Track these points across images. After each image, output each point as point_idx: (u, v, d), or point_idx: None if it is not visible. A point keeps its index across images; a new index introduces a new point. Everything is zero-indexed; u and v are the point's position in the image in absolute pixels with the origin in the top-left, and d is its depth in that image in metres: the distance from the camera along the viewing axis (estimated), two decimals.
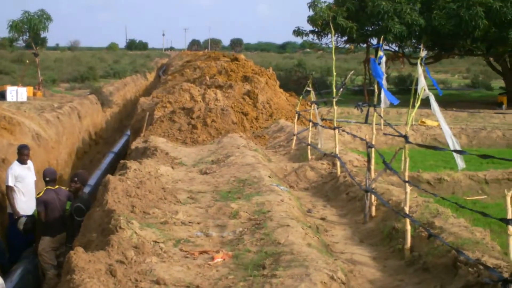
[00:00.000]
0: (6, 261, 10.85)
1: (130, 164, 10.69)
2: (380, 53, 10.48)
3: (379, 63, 10.13)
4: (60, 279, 9.40)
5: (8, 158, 13.21)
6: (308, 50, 78.08)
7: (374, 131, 9.58)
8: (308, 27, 37.94)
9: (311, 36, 38.80)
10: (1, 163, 12.97)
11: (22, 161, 11.73)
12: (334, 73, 12.70)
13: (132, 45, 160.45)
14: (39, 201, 10.12)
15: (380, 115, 10.20)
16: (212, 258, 6.60)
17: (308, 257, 6.22)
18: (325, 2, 36.67)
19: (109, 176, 9.49)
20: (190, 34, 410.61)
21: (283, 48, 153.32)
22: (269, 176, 10.76)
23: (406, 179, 7.50)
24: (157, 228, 7.56)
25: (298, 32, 38.78)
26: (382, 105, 10.16)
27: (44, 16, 31.28)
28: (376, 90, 10.09)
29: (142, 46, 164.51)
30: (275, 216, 7.90)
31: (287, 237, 6.99)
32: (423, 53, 8.42)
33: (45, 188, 10.30)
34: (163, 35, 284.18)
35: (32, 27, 30.91)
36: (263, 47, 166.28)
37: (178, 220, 8.06)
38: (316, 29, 37.24)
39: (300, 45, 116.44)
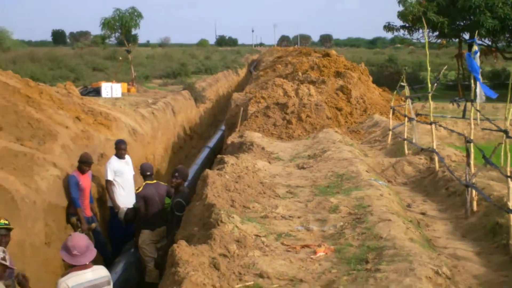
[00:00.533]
0: (108, 254, 11.38)
1: (228, 159, 10.93)
2: (475, 47, 10.28)
3: (474, 58, 9.97)
4: (160, 271, 9.92)
5: (106, 153, 13.75)
6: (399, 45, 76.78)
7: (472, 125, 9.48)
8: (398, 22, 38.10)
9: (401, 31, 39.13)
10: (100, 158, 13.51)
11: (120, 155, 12.25)
12: (428, 68, 12.68)
13: (222, 41, 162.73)
14: (139, 196, 10.60)
15: (478, 110, 10.02)
16: (314, 252, 6.71)
17: (411, 251, 6.26)
18: None
19: (208, 171, 9.78)
20: (279, 30, 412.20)
21: (373, 43, 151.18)
22: (367, 171, 10.80)
23: (508, 174, 7.39)
24: (258, 222, 7.74)
25: (388, 27, 39.11)
26: (478, 99, 9.99)
27: (135, 13, 32.07)
28: (472, 85, 9.93)
29: (232, 42, 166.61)
30: (375, 210, 7.96)
31: (389, 231, 7.03)
32: None
33: (144, 183, 10.74)
34: (253, 31, 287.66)
35: (123, 24, 31.73)
36: (352, 43, 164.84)
37: (278, 214, 8.22)
38: (407, 24, 37.19)
39: (390, 40, 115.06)
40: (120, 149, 12.30)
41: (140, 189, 10.68)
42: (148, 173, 11.10)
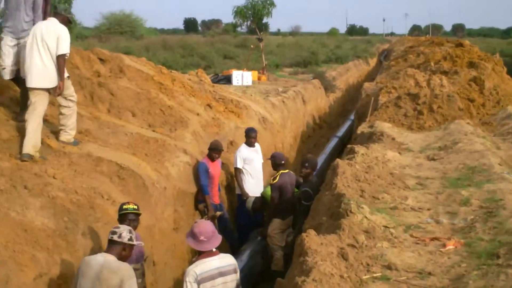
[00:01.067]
0: (235, 241, 11.44)
1: (358, 148, 10.87)
2: None
3: None
4: (285, 260, 9.87)
5: (235, 140, 13.84)
6: None
7: None
8: None
9: None
10: (229, 145, 13.61)
11: (249, 143, 12.26)
12: None
13: (353, 30, 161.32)
14: (275, 187, 10.48)
15: None
16: (444, 245, 6.55)
17: None
18: None
19: (338, 160, 9.74)
20: (411, 20, 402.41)
21: (507, 33, 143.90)
22: (499, 164, 10.30)
23: None
24: (387, 213, 7.64)
25: None
26: None
27: (268, 2, 32.23)
28: None
29: (363, 31, 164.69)
30: (508, 204, 7.56)
31: None
32: None
33: (279, 173, 10.66)
34: (384, 20, 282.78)
35: (256, 13, 31.98)
36: (485, 33, 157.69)
37: (408, 205, 8.11)
38: None
39: None
40: (250, 137, 12.32)
41: (276, 180, 10.55)
42: (283, 162, 11.03)
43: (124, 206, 6.98)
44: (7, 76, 9.20)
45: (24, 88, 9.02)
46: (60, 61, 8.69)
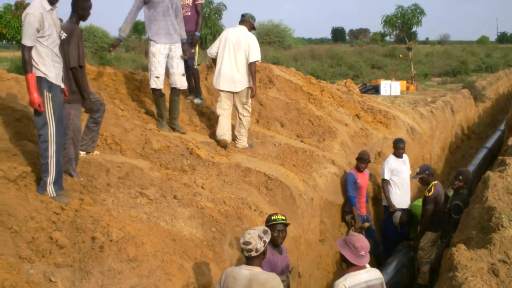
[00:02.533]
0: (381, 253, 11.01)
1: (509, 160, 10.29)
2: None
3: None
4: (431, 274, 9.29)
5: (383, 151, 13.38)
6: None
7: None
8: None
9: None
10: (377, 156, 13.14)
11: (397, 154, 11.73)
12: None
13: (503, 38, 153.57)
14: (430, 198, 10.00)
15: None
16: None
17: None
18: None
19: (490, 173, 9.33)
20: None
21: None
22: None
23: None
24: None
25: None
26: None
27: (418, 10, 31.33)
28: None
29: None
30: None
31: None
32: None
33: (433, 183, 10.15)
34: None
35: (405, 21, 31.19)
36: None
37: None
38: None
39: None
40: (398, 148, 11.76)
41: (432, 191, 10.03)
42: (427, 172, 10.40)
43: (273, 217, 6.72)
44: (161, 85, 9.27)
45: (172, 97, 9.20)
46: (252, 67, 9.43)
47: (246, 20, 9.71)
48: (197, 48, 10.90)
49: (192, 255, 6.33)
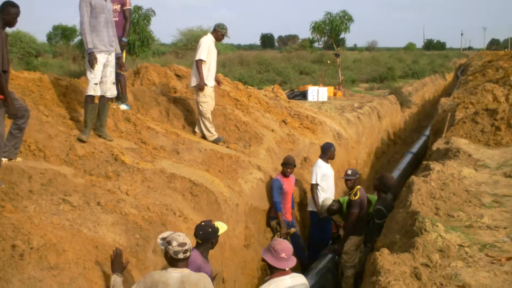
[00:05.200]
0: (306, 258, 11.20)
1: (433, 165, 10.73)
2: None
3: None
4: (355, 279, 9.59)
5: (309, 157, 13.67)
6: None
7: None
8: None
9: None
10: (303, 161, 13.42)
11: (327, 159, 11.92)
12: None
13: (430, 45, 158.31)
14: (356, 202, 10.24)
15: None
16: None
17: None
18: None
19: (414, 177, 9.69)
20: (489, 34, 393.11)
21: None
22: None
23: None
24: (462, 231, 7.47)
25: None
26: None
27: (346, 17, 31.92)
28: None
29: (440, 46, 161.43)
30: None
31: None
32: None
33: (358, 188, 10.40)
34: (461, 34, 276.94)
35: (333, 28, 31.72)
36: None
37: (483, 224, 7.99)
38: None
39: None
40: (329, 153, 11.99)
41: (358, 195, 10.27)
42: (357, 176, 10.71)
43: (203, 224, 6.81)
44: (98, 92, 9.28)
45: (102, 105, 9.22)
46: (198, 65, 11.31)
47: (214, 29, 11.73)
48: (124, 54, 10.95)
49: None
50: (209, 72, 11.45)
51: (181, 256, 5.62)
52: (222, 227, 6.73)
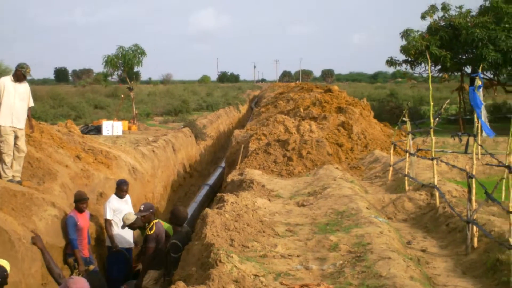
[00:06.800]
0: None
1: (227, 197, 10.88)
2: (479, 82, 10.43)
3: (478, 92, 10.12)
4: None
5: (105, 192, 13.77)
6: (400, 79, 77.42)
7: (475, 161, 9.46)
8: (400, 57, 38.57)
9: (404, 65, 39.41)
10: (99, 197, 13.51)
11: (121, 196, 12.24)
12: (432, 103, 12.69)
13: (224, 77, 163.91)
14: (152, 237, 10.47)
15: (481, 145, 10.13)
16: None
17: None
18: (418, 31, 37.16)
19: (208, 210, 9.72)
20: (281, 66, 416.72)
21: (375, 78, 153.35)
22: (367, 208, 10.75)
23: (510, 209, 7.36)
24: (257, 261, 7.66)
25: (391, 62, 39.47)
26: (484, 134, 10.07)
27: (138, 50, 32.25)
28: (475, 119, 10.04)
29: (234, 78, 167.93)
30: (375, 248, 7.90)
31: (389, 269, 6.97)
32: None
33: (154, 222, 10.66)
34: (255, 67, 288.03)
35: (126, 62, 31.84)
36: (354, 78, 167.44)
37: (277, 253, 8.16)
38: (409, 59, 37.63)
39: (392, 74, 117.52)
40: (122, 190, 12.32)
41: (154, 229, 10.53)
42: (152, 211, 11.03)
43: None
44: None
45: None
46: None
47: (15, 69, 11.66)
48: None
49: None
50: (10, 112, 11.36)
51: None
52: (5, 264, 6.78)
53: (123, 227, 11.51)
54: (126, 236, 12.18)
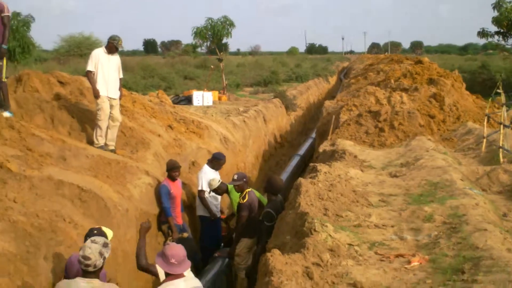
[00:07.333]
0: (199, 261, 11.40)
1: (320, 167, 10.86)
2: None
3: None
4: (249, 280, 9.89)
5: (197, 161, 13.86)
6: (491, 51, 74.39)
7: None
8: (492, 28, 37.39)
9: (496, 37, 38.29)
10: (191, 165, 13.62)
11: (215, 167, 12.26)
12: None
13: (312, 49, 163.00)
14: (245, 206, 10.44)
15: None
16: (409, 262, 6.55)
17: (509, 262, 5.92)
18: (510, 2, 35.88)
19: (301, 179, 9.74)
20: (369, 38, 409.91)
21: (465, 50, 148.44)
22: (461, 179, 10.42)
23: None
24: (351, 231, 7.63)
25: (483, 33, 38.61)
26: None
27: (227, 22, 32.41)
28: None
29: (322, 50, 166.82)
30: (471, 220, 7.65)
31: (485, 241, 6.72)
32: None
33: (247, 191, 10.65)
34: (343, 39, 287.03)
35: (215, 33, 32.12)
36: (443, 49, 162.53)
37: (372, 223, 8.11)
38: (501, 30, 36.32)
39: (482, 46, 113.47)
40: (219, 164, 12.37)
41: (246, 198, 10.50)
42: (245, 180, 11.04)
43: (96, 232, 6.90)
44: None
45: None
46: None
47: (107, 41, 11.74)
48: (4, 61, 10.86)
49: (5, 270, 6.37)
50: (105, 82, 11.60)
51: (82, 267, 5.75)
52: (108, 233, 6.89)
53: (209, 192, 11.61)
54: (219, 206, 12.26)
